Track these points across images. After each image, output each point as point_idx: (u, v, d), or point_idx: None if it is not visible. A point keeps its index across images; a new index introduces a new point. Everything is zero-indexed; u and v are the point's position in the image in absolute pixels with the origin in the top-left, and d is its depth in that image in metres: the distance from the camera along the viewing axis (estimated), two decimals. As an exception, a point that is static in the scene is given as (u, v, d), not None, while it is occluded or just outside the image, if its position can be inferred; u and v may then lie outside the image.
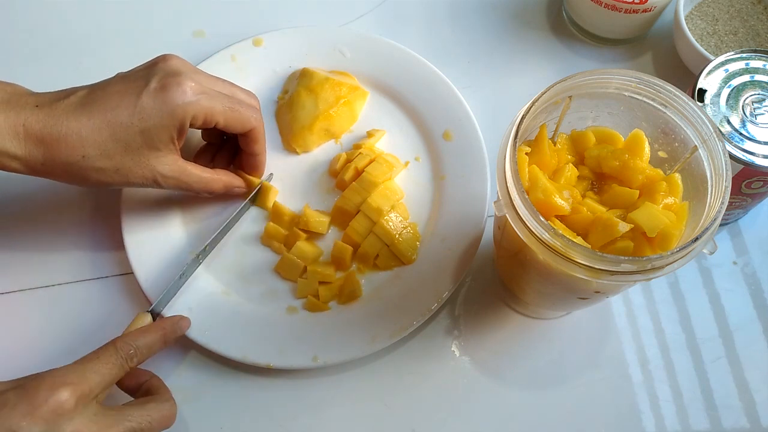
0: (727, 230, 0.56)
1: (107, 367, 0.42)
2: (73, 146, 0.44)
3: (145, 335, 0.45)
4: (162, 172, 0.47)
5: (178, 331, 0.48)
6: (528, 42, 0.64)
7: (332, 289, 0.52)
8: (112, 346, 0.43)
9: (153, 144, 0.46)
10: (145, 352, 0.45)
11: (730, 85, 0.48)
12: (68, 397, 0.39)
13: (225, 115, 0.48)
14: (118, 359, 0.43)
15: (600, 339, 0.52)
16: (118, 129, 0.44)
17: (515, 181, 0.35)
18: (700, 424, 0.50)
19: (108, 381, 0.42)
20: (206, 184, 0.50)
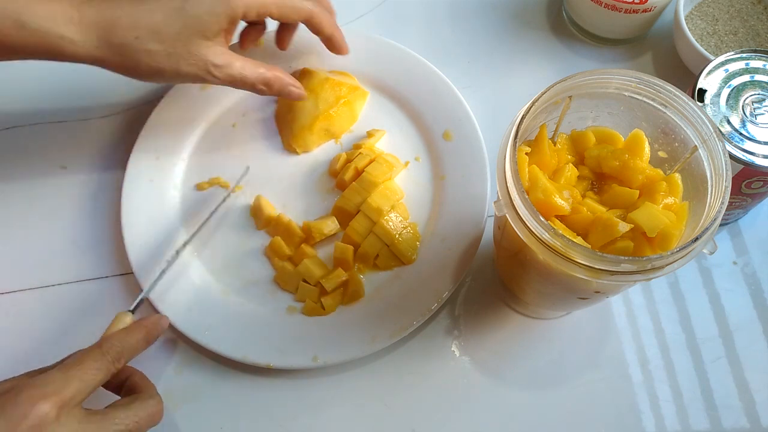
0: (727, 230, 0.56)
1: (91, 372, 0.40)
2: (126, 27, 0.45)
3: (130, 335, 0.44)
4: (214, 61, 0.48)
5: (160, 330, 0.47)
6: (528, 42, 0.64)
7: (336, 297, 0.52)
8: (98, 349, 0.42)
9: (203, 32, 0.47)
10: (130, 352, 0.44)
11: (730, 85, 0.48)
12: (50, 409, 0.37)
13: (277, 5, 0.49)
14: (104, 363, 0.41)
15: (600, 339, 0.52)
16: (171, 12, 0.46)
17: (515, 181, 0.35)
18: (700, 424, 0.50)
19: (92, 386, 0.41)
20: (261, 75, 0.50)
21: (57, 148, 0.60)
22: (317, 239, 0.53)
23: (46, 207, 0.57)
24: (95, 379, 0.41)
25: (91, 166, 0.59)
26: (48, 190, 0.58)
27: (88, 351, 0.42)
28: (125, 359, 0.43)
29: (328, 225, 0.53)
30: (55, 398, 0.38)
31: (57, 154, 0.59)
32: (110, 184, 0.58)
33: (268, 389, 0.51)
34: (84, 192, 0.58)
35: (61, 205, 0.57)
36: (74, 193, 0.58)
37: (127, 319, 0.47)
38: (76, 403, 0.39)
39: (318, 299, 0.52)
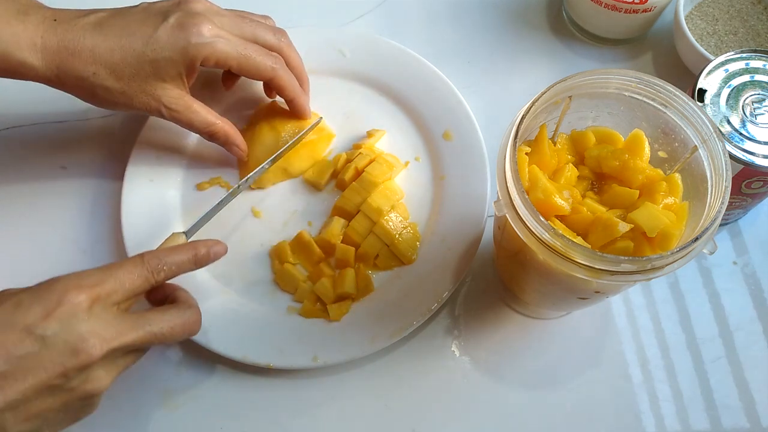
0: (727, 230, 0.56)
1: (129, 276, 0.41)
2: (85, 62, 0.46)
3: (176, 253, 0.44)
4: (166, 103, 0.49)
5: (212, 256, 0.46)
6: (528, 42, 0.64)
7: (342, 307, 0.52)
8: (140, 258, 0.42)
9: (160, 75, 0.48)
10: (173, 269, 0.43)
11: (730, 85, 0.48)
12: (83, 299, 0.38)
13: (238, 61, 0.49)
14: (143, 271, 0.41)
15: (600, 339, 0.52)
16: (130, 54, 0.47)
17: (515, 181, 0.35)
18: (700, 424, 0.50)
19: (128, 289, 0.41)
20: (208, 125, 0.51)
21: (57, 148, 0.60)
22: (335, 249, 0.53)
23: (46, 207, 0.57)
24: (132, 283, 0.41)
25: (91, 166, 0.59)
26: (48, 190, 0.58)
27: (130, 258, 0.42)
28: (166, 274, 0.43)
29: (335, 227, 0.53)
30: (90, 291, 0.39)
31: (57, 154, 0.59)
32: (110, 183, 0.58)
33: (268, 389, 0.51)
34: (84, 192, 0.58)
35: (61, 205, 0.57)
36: (74, 193, 0.58)
37: (179, 239, 0.47)
38: (111, 301, 0.40)
39: (316, 301, 0.52)
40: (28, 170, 0.59)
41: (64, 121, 0.61)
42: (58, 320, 0.37)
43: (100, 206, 0.57)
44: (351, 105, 0.60)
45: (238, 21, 0.51)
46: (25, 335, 0.37)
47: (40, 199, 0.58)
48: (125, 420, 0.50)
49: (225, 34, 0.49)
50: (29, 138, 0.60)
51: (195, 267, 0.45)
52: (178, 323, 0.42)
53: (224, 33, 0.49)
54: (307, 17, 0.65)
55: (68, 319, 0.37)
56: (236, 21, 0.50)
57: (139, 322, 0.40)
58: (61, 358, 0.37)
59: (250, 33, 0.51)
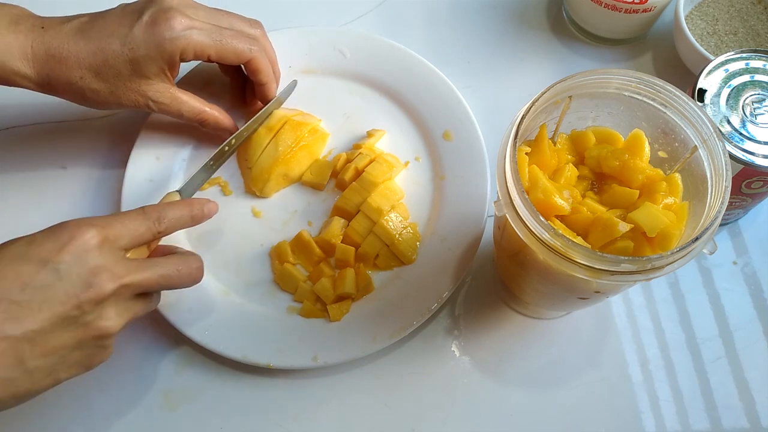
0: (727, 230, 0.56)
1: (134, 223, 0.42)
2: (72, 67, 0.48)
3: (174, 208, 0.45)
4: (153, 97, 0.51)
5: (206, 213, 0.48)
6: (528, 42, 0.64)
7: (342, 307, 0.52)
8: (141, 209, 0.43)
9: (142, 73, 0.49)
10: (173, 222, 0.44)
11: (730, 85, 0.48)
12: (93, 236, 0.39)
13: (216, 48, 0.50)
14: (146, 221, 0.43)
15: (600, 339, 0.52)
16: (111, 56, 0.48)
17: (515, 181, 0.35)
18: (700, 424, 0.50)
19: (134, 235, 0.42)
20: (198, 113, 0.53)
21: (57, 148, 0.60)
22: (335, 249, 0.53)
23: (46, 207, 0.57)
24: (137, 230, 0.42)
25: (91, 166, 0.59)
26: (48, 190, 0.58)
27: (132, 210, 0.43)
28: (167, 226, 0.44)
29: (335, 227, 0.53)
30: (101, 230, 0.40)
31: (57, 154, 0.59)
32: (110, 184, 0.58)
33: (268, 389, 0.51)
34: (84, 192, 0.58)
35: (61, 205, 0.57)
36: (74, 193, 0.58)
37: (175, 197, 0.49)
38: (118, 245, 0.41)
39: (316, 301, 0.52)
40: (28, 170, 0.59)
41: (64, 121, 0.61)
42: (71, 254, 0.38)
43: (100, 206, 0.57)
44: (351, 105, 0.60)
45: (214, 12, 0.52)
46: (41, 266, 0.38)
47: (40, 199, 0.58)
48: (125, 420, 0.50)
49: (198, 24, 0.49)
50: (29, 138, 0.60)
51: (192, 223, 0.47)
52: (184, 268, 0.44)
53: (197, 23, 0.49)
54: (307, 17, 0.65)
55: (81, 253, 0.39)
56: (211, 12, 0.52)
57: (147, 264, 0.42)
58: (75, 289, 0.38)
59: (226, 23, 0.52)
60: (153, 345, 0.52)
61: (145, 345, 0.52)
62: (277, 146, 0.55)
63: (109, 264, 0.39)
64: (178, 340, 0.52)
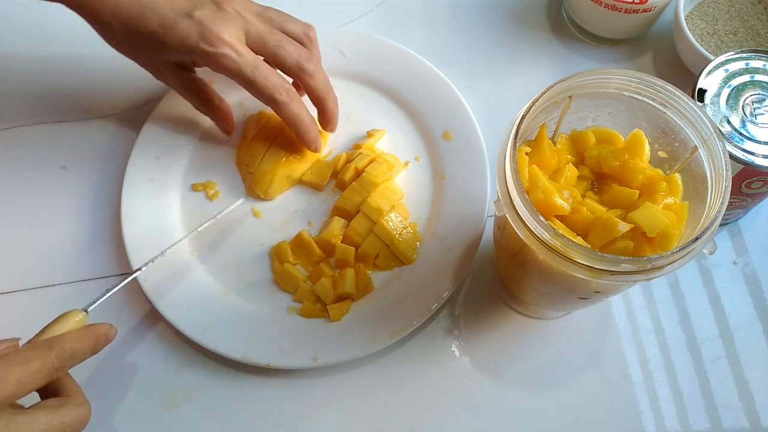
0: (727, 230, 0.56)
1: (33, 376, 0.38)
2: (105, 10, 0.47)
3: (82, 341, 0.41)
4: (166, 75, 0.51)
5: (107, 341, 0.43)
6: (528, 42, 0.64)
7: (342, 307, 0.52)
8: (48, 351, 0.39)
9: (167, 53, 0.48)
10: (75, 360, 0.41)
11: (730, 85, 0.48)
12: None
13: (242, 80, 0.48)
14: (50, 367, 0.39)
15: (600, 339, 0.52)
16: (144, 29, 0.47)
17: (515, 181, 0.35)
18: (700, 424, 0.50)
19: (30, 389, 0.38)
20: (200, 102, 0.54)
21: (57, 148, 0.60)
22: (335, 249, 0.53)
23: (46, 207, 0.57)
24: (35, 383, 0.38)
25: (91, 166, 0.59)
26: (48, 190, 0.58)
27: (38, 351, 0.39)
28: (68, 367, 0.40)
29: (335, 227, 0.53)
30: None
31: (57, 154, 0.59)
32: (110, 184, 0.58)
33: (268, 389, 0.51)
34: (84, 192, 0.58)
35: (61, 205, 0.57)
36: (74, 193, 0.58)
37: (79, 317, 0.44)
38: (7, 404, 0.37)
39: (316, 301, 0.52)
40: (28, 170, 0.59)
41: (64, 121, 0.61)
42: None
43: (100, 206, 0.57)
44: (351, 105, 0.60)
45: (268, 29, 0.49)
46: None
47: (40, 199, 0.58)
48: (125, 420, 0.50)
49: (237, 50, 0.47)
50: (29, 138, 0.60)
51: (91, 355, 0.42)
52: (70, 422, 0.39)
53: (238, 48, 0.47)
54: (307, 17, 0.65)
55: None
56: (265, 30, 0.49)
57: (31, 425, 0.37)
58: None
59: (270, 51, 0.49)
60: (153, 345, 0.52)
61: (145, 345, 0.52)
62: (278, 149, 0.55)
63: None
64: (178, 340, 0.52)
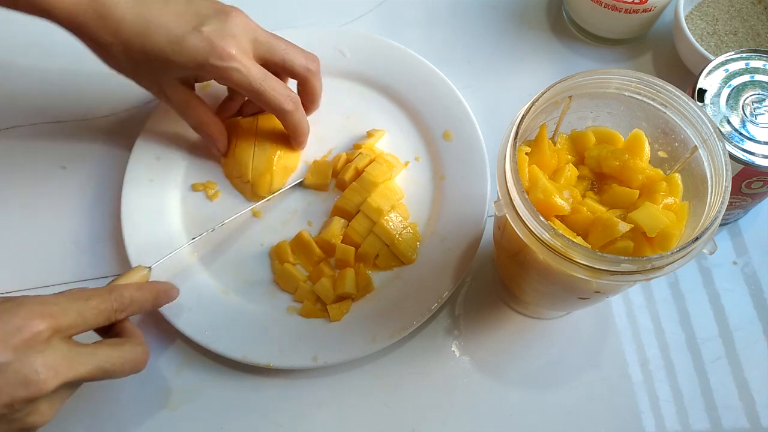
0: (727, 230, 0.56)
1: (94, 312, 0.40)
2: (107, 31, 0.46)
3: (142, 292, 0.44)
4: (167, 93, 0.51)
5: (169, 299, 0.47)
6: (528, 42, 0.64)
7: (342, 307, 0.52)
8: (108, 294, 0.42)
9: (171, 72, 0.49)
10: (135, 308, 0.43)
11: (730, 85, 0.48)
12: (44, 329, 0.37)
13: (250, 92, 0.49)
14: (108, 309, 0.41)
15: (600, 339, 0.52)
16: (150, 46, 0.47)
17: (515, 181, 0.35)
18: (700, 424, 0.50)
19: (89, 325, 0.41)
20: (200, 125, 0.53)
21: (57, 148, 0.60)
22: (335, 249, 0.53)
23: (46, 207, 0.57)
24: (95, 320, 0.41)
25: (91, 166, 0.59)
26: (48, 190, 0.58)
27: (98, 292, 0.42)
28: (128, 313, 0.43)
29: (335, 227, 0.53)
30: (52, 321, 0.38)
31: (57, 154, 0.59)
32: (110, 184, 0.58)
33: (268, 389, 0.51)
34: (84, 192, 0.58)
35: (61, 205, 0.57)
36: (74, 193, 0.58)
37: (143, 272, 0.47)
38: (68, 333, 0.39)
39: (316, 301, 0.52)
40: (28, 170, 0.59)
41: (64, 121, 0.61)
42: (14, 349, 0.36)
43: (100, 206, 0.57)
44: (351, 105, 0.60)
45: (273, 45, 0.50)
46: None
47: (40, 199, 0.58)
48: (126, 420, 0.50)
49: (245, 64, 0.48)
50: (29, 138, 0.60)
51: (152, 309, 0.46)
52: (129, 359, 0.42)
53: (246, 61, 0.48)
54: (307, 17, 0.65)
55: (25, 349, 0.36)
56: (270, 44, 0.50)
57: (91, 356, 0.40)
58: (10, 388, 0.36)
59: (280, 58, 0.51)
60: (153, 345, 0.52)
61: (145, 345, 0.52)
62: (264, 148, 0.55)
63: (52, 361, 0.37)
64: (178, 340, 0.52)
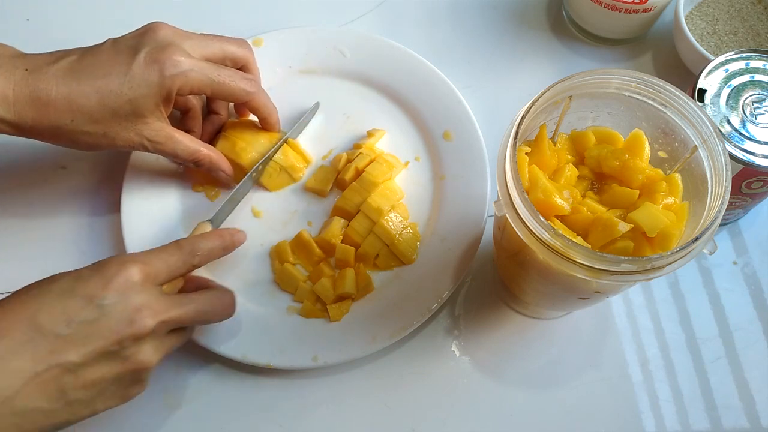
0: (727, 230, 0.56)
1: (172, 258, 0.44)
2: (62, 111, 0.46)
3: (207, 240, 0.47)
4: (148, 137, 0.49)
5: (237, 242, 0.49)
6: (528, 42, 0.64)
7: (342, 307, 0.52)
8: (176, 243, 0.45)
9: (140, 112, 0.48)
10: (206, 254, 0.46)
11: (730, 85, 0.48)
12: (136, 273, 0.41)
13: (212, 88, 0.50)
14: (182, 255, 0.44)
15: (600, 339, 0.52)
16: (107, 96, 0.46)
17: (515, 181, 0.35)
18: (700, 424, 0.50)
19: (172, 270, 0.44)
20: (192, 154, 0.52)
21: (57, 148, 0.59)
22: (335, 249, 0.53)
23: (46, 207, 0.57)
24: (176, 265, 0.44)
25: (91, 166, 0.59)
26: (48, 190, 0.58)
27: (168, 244, 0.45)
28: (200, 259, 0.46)
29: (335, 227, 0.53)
30: (143, 266, 0.42)
31: (57, 154, 0.59)
32: (110, 183, 0.58)
33: (268, 389, 0.51)
34: (84, 192, 0.58)
35: (61, 205, 0.57)
36: (74, 193, 0.58)
37: (206, 227, 0.50)
38: (158, 281, 0.42)
39: (316, 301, 0.52)
40: (28, 170, 0.59)
41: (64, 121, 0.61)
42: (115, 291, 0.40)
43: (100, 206, 0.57)
44: (351, 105, 0.60)
45: (203, 41, 0.51)
46: (86, 303, 0.39)
47: (40, 199, 0.58)
48: (125, 420, 0.50)
49: (196, 64, 0.48)
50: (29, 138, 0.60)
51: (223, 254, 0.48)
52: (218, 303, 0.46)
53: (195, 62, 0.48)
54: (307, 17, 0.65)
55: (124, 290, 0.40)
56: (201, 41, 0.50)
57: (184, 300, 0.43)
58: (117, 326, 0.39)
59: (219, 50, 0.51)
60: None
61: (145, 345, 0.52)
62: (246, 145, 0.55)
63: (149, 301, 0.41)
64: None
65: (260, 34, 0.61)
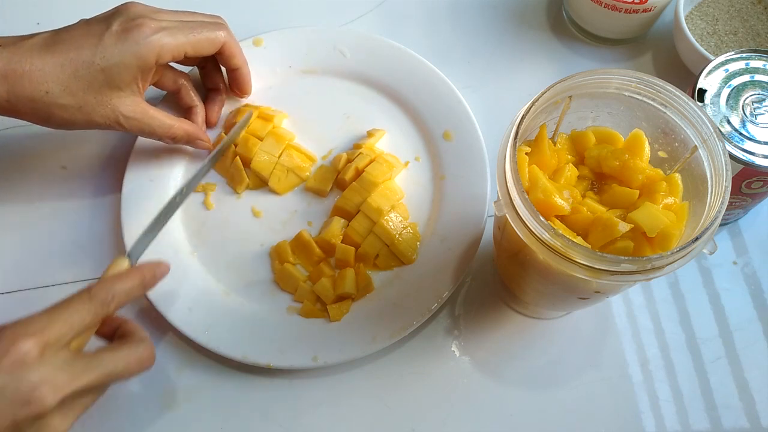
0: (727, 230, 0.56)
1: (78, 314, 0.40)
2: (36, 81, 0.45)
3: (124, 281, 0.43)
4: (124, 112, 0.49)
5: (158, 277, 0.45)
6: (528, 42, 0.64)
7: (342, 307, 0.52)
8: (86, 293, 0.41)
9: (115, 83, 0.48)
10: (123, 297, 0.42)
11: (730, 85, 0.48)
12: (32, 347, 0.37)
13: (191, 43, 0.50)
14: (93, 306, 0.40)
15: (600, 339, 0.52)
16: (81, 66, 0.46)
17: (515, 181, 0.35)
18: (700, 424, 0.50)
19: (78, 329, 0.40)
20: (168, 129, 0.52)
21: (57, 148, 0.60)
22: (335, 249, 0.53)
23: (46, 207, 0.57)
24: (82, 321, 0.40)
25: (91, 166, 0.59)
26: (48, 190, 0.58)
27: (76, 294, 0.41)
28: (115, 304, 0.42)
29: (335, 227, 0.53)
30: (38, 337, 0.37)
31: (57, 154, 0.59)
32: (110, 184, 0.58)
33: (268, 389, 0.51)
34: (84, 192, 0.58)
35: (61, 205, 0.57)
36: (74, 193, 0.58)
37: (123, 264, 0.45)
38: (61, 344, 0.39)
39: (316, 301, 0.52)
40: (28, 170, 0.59)
41: (64, 121, 0.61)
42: (6, 371, 0.36)
43: (100, 206, 0.57)
44: (351, 105, 0.60)
45: (178, 13, 0.51)
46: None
47: (40, 199, 0.58)
48: (125, 420, 0.50)
49: (168, 25, 0.49)
50: (29, 138, 0.60)
51: (144, 291, 0.44)
52: (132, 360, 0.41)
53: (166, 23, 0.49)
54: (307, 17, 0.65)
55: (18, 369, 0.37)
56: (172, 12, 0.51)
57: (92, 363, 0.39)
58: (11, 408, 0.36)
59: (189, 16, 0.52)
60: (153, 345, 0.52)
61: (145, 345, 0.52)
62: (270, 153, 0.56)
63: (49, 375, 0.37)
64: (178, 340, 0.52)
65: (260, 34, 0.61)
